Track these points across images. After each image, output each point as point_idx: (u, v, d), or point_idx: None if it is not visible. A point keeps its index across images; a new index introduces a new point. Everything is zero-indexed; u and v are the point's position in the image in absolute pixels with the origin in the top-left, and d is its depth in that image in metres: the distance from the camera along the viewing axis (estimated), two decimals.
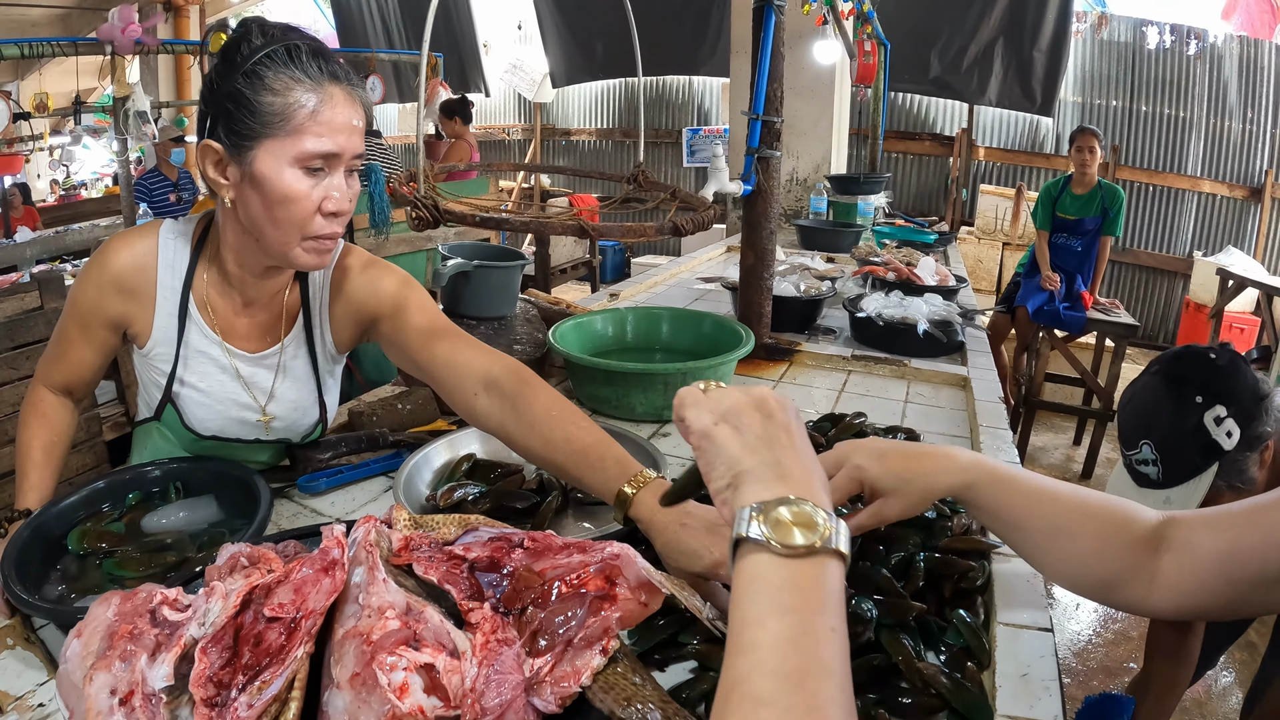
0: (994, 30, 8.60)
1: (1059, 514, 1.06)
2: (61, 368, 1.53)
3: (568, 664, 0.88)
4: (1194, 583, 0.93)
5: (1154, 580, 0.96)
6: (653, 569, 0.93)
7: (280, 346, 1.55)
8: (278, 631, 0.84)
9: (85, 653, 0.88)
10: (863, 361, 2.53)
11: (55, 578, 1.28)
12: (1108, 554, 1.01)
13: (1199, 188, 8.42)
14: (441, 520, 1.04)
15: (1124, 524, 1.01)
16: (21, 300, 2.83)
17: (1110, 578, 1.02)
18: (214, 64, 1.29)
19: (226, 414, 1.55)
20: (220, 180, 1.30)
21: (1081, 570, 1.05)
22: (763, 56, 2.25)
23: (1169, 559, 0.95)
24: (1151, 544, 0.98)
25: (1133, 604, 1.01)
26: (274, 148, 1.25)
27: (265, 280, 1.48)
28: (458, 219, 1.02)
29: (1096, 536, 1.03)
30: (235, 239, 1.41)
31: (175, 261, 1.46)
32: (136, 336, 1.49)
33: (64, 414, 1.58)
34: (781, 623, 0.65)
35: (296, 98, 1.24)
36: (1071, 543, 1.05)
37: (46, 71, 11.73)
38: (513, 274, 2.20)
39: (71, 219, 9.40)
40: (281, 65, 1.24)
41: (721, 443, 0.79)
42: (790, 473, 0.75)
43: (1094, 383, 5.68)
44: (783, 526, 0.69)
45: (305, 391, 1.60)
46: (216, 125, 1.27)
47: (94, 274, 1.44)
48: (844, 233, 4.69)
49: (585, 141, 12.07)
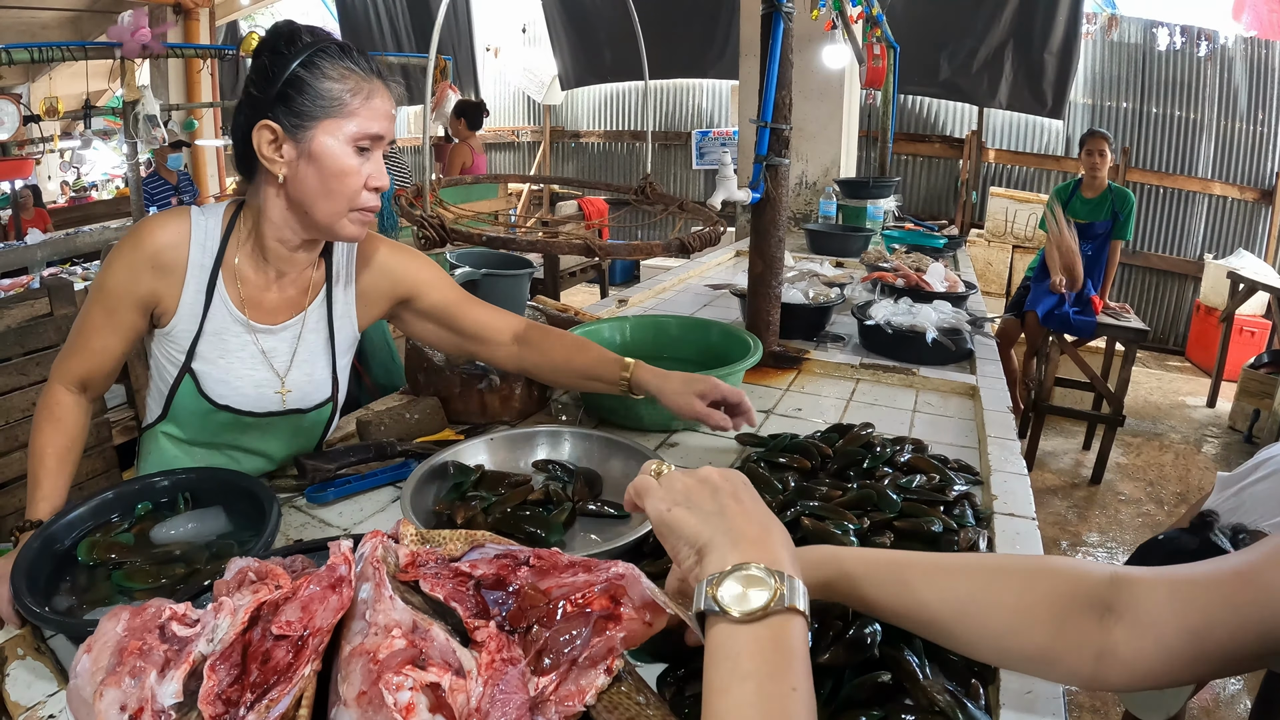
0: (1004, 33, 8.58)
1: (964, 583, 0.94)
2: (82, 359, 1.57)
3: (572, 683, 0.88)
4: (1157, 661, 0.82)
5: (1104, 655, 0.84)
6: (657, 590, 0.93)
7: (302, 316, 1.67)
8: (285, 649, 0.84)
9: (95, 668, 0.88)
10: (871, 370, 2.53)
11: (65, 588, 1.29)
12: (1037, 623, 0.88)
13: (1209, 190, 8.41)
14: (448, 536, 1.04)
15: (1056, 587, 0.89)
16: (31, 307, 2.83)
17: (1043, 650, 0.88)
18: (263, 57, 1.45)
19: (243, 389, 1.63)
20: (275, 158, 1.45)
21: (1004, 643, 0.91)
22: (771, 63, 2.25)
23: (1124, 633, 0.83)
24: (1096, 611, 0.86)
25: (1080, 680, 0.87)
26: (332, 127, 1.43)
27: (299, 253, 1.61)
28: (464, 238, 1.03)
29: (1021, 601, 0.90)
30: (279, 214, 1.54)
31: (207, 241, 1.57)
32: (162, 315, 1.57)
33: (78, 415, 1.60)
34: (742, 689, 0.68)
35: (353, 85, 1.44)
36: (986, 613, 0.91)
37: (57, 74, 11.77)
38: (520, 282, 2.21)
39: (82, 221, 9.43)
40: (337, 58, 1.44)
41: (678, 525, 0.84)
42: (745, 535, 0.79)
43: (1104, 387, 5.66)
44: (736, 595, 0.73)
45: (320, 365, 1.71)
46: (273, 108, 1.42)
47: (127, 253, 1.52)
48: (853, 237, 4.69)
49: (595, 144, 12.07)
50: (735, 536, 0.79)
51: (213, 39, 11.67)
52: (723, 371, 1.97)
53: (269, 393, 1.65)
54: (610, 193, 1.91)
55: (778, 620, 0.72)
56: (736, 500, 0.84)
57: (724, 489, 0.86)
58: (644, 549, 1.40)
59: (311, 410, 1.72)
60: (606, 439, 1.73)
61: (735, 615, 0.72)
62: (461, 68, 11.70)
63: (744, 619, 0.72)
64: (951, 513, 1.49)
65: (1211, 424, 6.58)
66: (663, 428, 2.05)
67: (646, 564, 1.31)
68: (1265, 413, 6.07)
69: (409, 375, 2.15)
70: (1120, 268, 6.33)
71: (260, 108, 1.43)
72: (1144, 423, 6.52)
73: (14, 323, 2.78)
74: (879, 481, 1.58)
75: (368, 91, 1.45)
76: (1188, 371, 8.18)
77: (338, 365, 1.74)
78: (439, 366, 2.02)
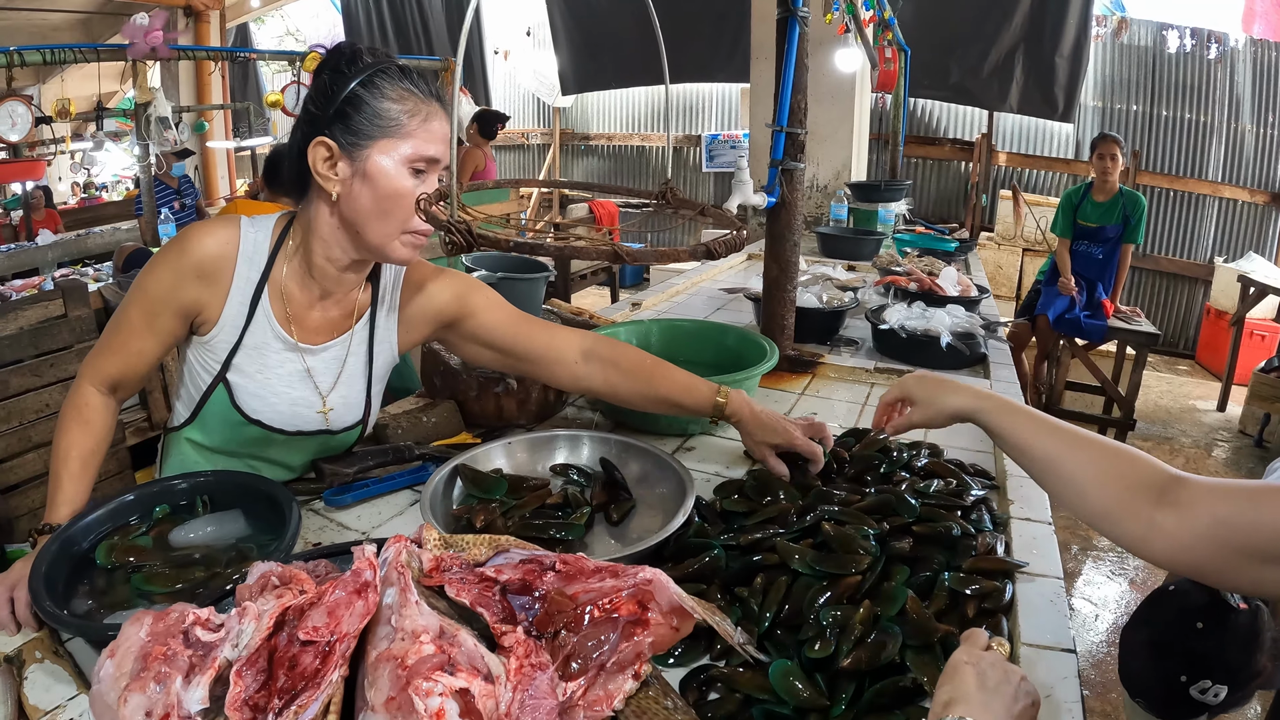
0: (1014, 37, 8.56)
1: (1065, 442, 1.17)
2: (116, 360, 1.54)
3: (600, 688, 0.88)
4: (1188, 538, 0.99)
5: (1151, 528, 1.02)
6: (684, 594, 0.93)
7: (345, 338, 1.66)
8: (312, 654, 0.84)
9: (118, 673, 0.88)
10: (886, 374, 2.52)
11: (83, 591, 1.28)
12: (1109, 487, 1.09)
13: (1220, 193, 8.39)
14: (472, 541, 1.04)
15: (1132, 466, 1.09)
16: (45, 308, 2.83)
17: (1108, 510, 1.09)
18: (323, 75, 1.46)
19: (278, 405, 1.61)
20: (330, 175, 1.45)
21: (1081, 496, 1.13)
22: (787, 68, 2.25)
23: (1172, 513, 1.01)
24: (1156, 494, 1.03)
25: (1129, 541, 1.06)
26: (388, 147, 1.43)
27: (347, 274, 1.59)
28: (491, 244, 1.03)
29: (1101, 469, 1.11)
30: (330, 232, 1.52)
31: (255, 255, 1.55)
32: (203, 325, 1.56)
33: (106, 417, 1.57)
34: None
35: (411, 106, 1.44)
36: (1075, 468, 1.14)
37: (68, 75, 11.80)
38: (537, 285, 2.22)
39: (92, 222, 9.46)
40: (397, 79, 1.44)
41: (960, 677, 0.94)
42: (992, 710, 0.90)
43: (1114, 391, 5.65)
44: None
45: (357, 389, 1.70)
46: (331, 126, 1.42)
47: (172, 259, 1.50)
48: (865, 240, 4.68)
49: (604, 146, 12.08)
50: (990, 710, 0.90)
51: (223, 41, 11.71)
52: (739, 376, 1.97)
53: (305, 411, 1.64)
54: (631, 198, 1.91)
55: None
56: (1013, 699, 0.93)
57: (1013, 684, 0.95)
58: (664, 553, 1.40)
59: (341, 432, 1.71)
60: (625, 442, 1.73)
61: None
62: (471, 70, 11.70)
63: None
64: (969, 517, 1.49)
65: (1222, 428, 6.56)
66: (680, 431, 2.04)
67: (668, 568, 1.31)
68: (1276, 417, 6.05)
69: (425, 378, 2.15)
70: (1131, 270, 6.30)
71: (318, 125, 1.43)
72: (1154, 426, 6.50)
73: (28, 324, 2.79)
74: (896, 486, 1.58)
75: (426, 114, 1.45)
76: (1198, 375, 8.16)
77: (372, 390, 1.73)
78: (455, 369, 2.02)
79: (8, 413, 2.72)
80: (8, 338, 2.72)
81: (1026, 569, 1.39)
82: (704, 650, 1.19)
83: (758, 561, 1.33)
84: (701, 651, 1.18)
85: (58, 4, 10.29)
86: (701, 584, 1.30)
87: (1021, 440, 1.24)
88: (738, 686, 1.08)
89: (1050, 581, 1.37)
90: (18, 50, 4.62)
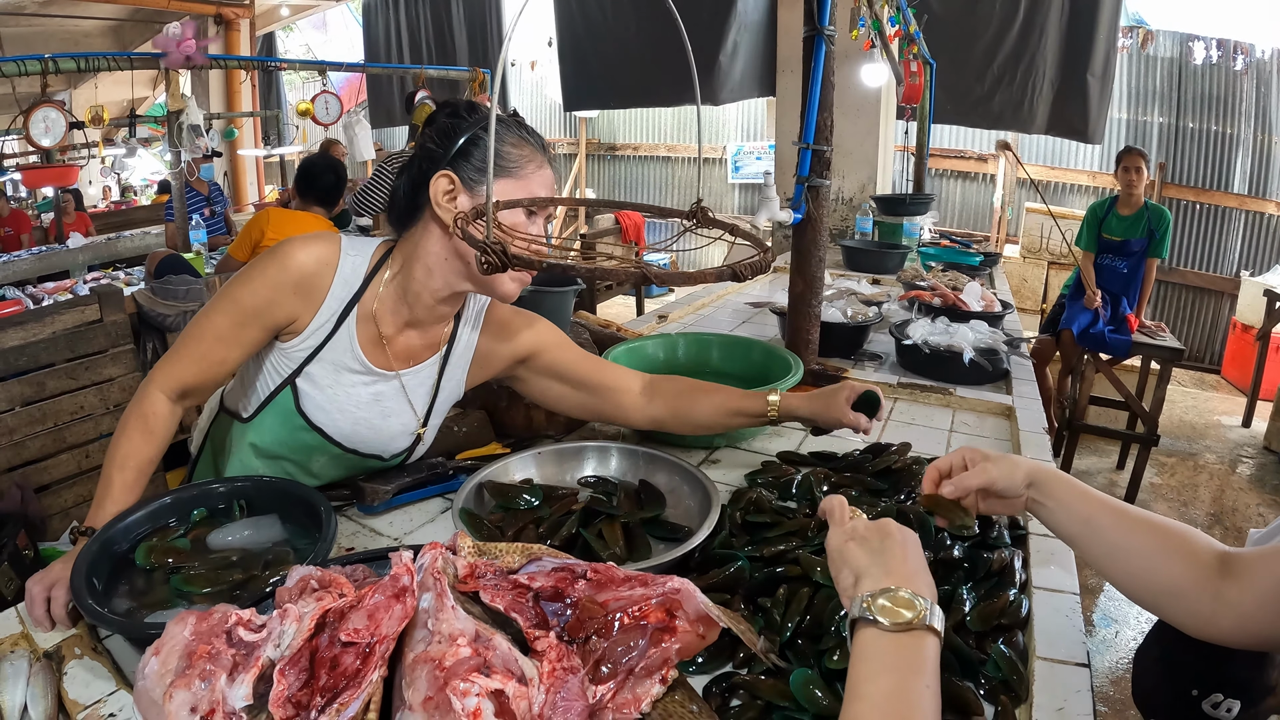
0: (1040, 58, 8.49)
1: (1123, 520, 1.14)
2: (194, 368, 1.54)
3: (628, 692, 0.91)
4: (1252, 606, 0.98)
5: (1218, 601, 1.01)
6: (710, 603, 0.96)
7: (420, 367, 1.70)
8: (353, 655, 0.87)
9: (163, 670, 0.91)
10: (909, 389, 2.54)
11: (122, 591, 1.31)
12: (1173, 563, 1.06)
13: (1245, 206, 8.32)
14: (505, 549, 1.07)
15: (1188, 542, 1.07)
16: (81, 313, 2.88)
17: (1173, 587, 1.06)
18: (442, 119, 1.55)
19: (340, 422, 1.65)
20: (450, 207, 1.49)
21: (1146, 575, 1.10)
22: (813, 86, 2.27)
23: (1234, 584, 1.00)
24: (1216, 568, 1.02)
25: (1196, 620, 1.05)
26: (508, 187, 1.51)
27: (441, 306, 1.63)
28: (525, 264, 1.06)
29: (1161, 546, 1.09)
30: (438, 262, 1.55)
31: (351, 277, 1.59)
32: (290, 335, 1.59)
33: (170, 426, 1.57)
34: (888, 678, 0.84)
35: (527, 153, 1.53)
36: (1136, 545, 1.11)
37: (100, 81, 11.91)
38: (566, 298, 2.24)
39: (122, 225, 9.51)
40: (514, 128, 1.54)
41: (850, 554, 0.99)
42: (896, 571, 0.94)
43: (1138, 406, 5.63)
44: (886, 609, 0.88)
45: (413, 419, 1.73)
46: (454, 162, 1.49)
47: (272, 273, 1.53)
48: (890, 254, 4.69)
49: (631, 156, 12.10)
50: (890, 569, 0.94)
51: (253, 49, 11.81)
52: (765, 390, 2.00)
53: (364, 432, 1.67)
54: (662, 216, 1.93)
55: (918, 634, 0.87)
56: (901, 547, 0.98)
57: (894, 536, 1.00)
58: (690, 564, 1.43)
59: (391, 457, 1.75)
60: (651, 454, 1.76)
61: (885, 625, 0.87)
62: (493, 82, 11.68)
63: (892, 629, 0.87)
64: (988, 532, 1.50)
65: (1247, 444, 6.51)
66: (705, 445, 2.07)
67: (695, 578, 1.33)
68: None
69: None
70: (1156, 284, 6.27)
71: (438, 161, 1.50)
72: (1179, 442, 6.46)
73: (63, 328, 2.84)
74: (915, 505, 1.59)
75: (540, 162, 1.55)
76: (1223, 390, 8.09)
77: (430, 422, 1.77)
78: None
79: (43, 414, 2.77)
80: (44, 341, 2.77)
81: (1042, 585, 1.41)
82: (727, 658, 1.21)
83: (780, 573, 1.34)
84: (725, 659, 1.21)
85: (89, 11, 10.40)
86: (726, 594, 1.33)
87: (1082, 515, 1.18)
88: (759, 694, 1.10)
89: (1066, 597, 1.39)
90: (52, 58, 4.67)
